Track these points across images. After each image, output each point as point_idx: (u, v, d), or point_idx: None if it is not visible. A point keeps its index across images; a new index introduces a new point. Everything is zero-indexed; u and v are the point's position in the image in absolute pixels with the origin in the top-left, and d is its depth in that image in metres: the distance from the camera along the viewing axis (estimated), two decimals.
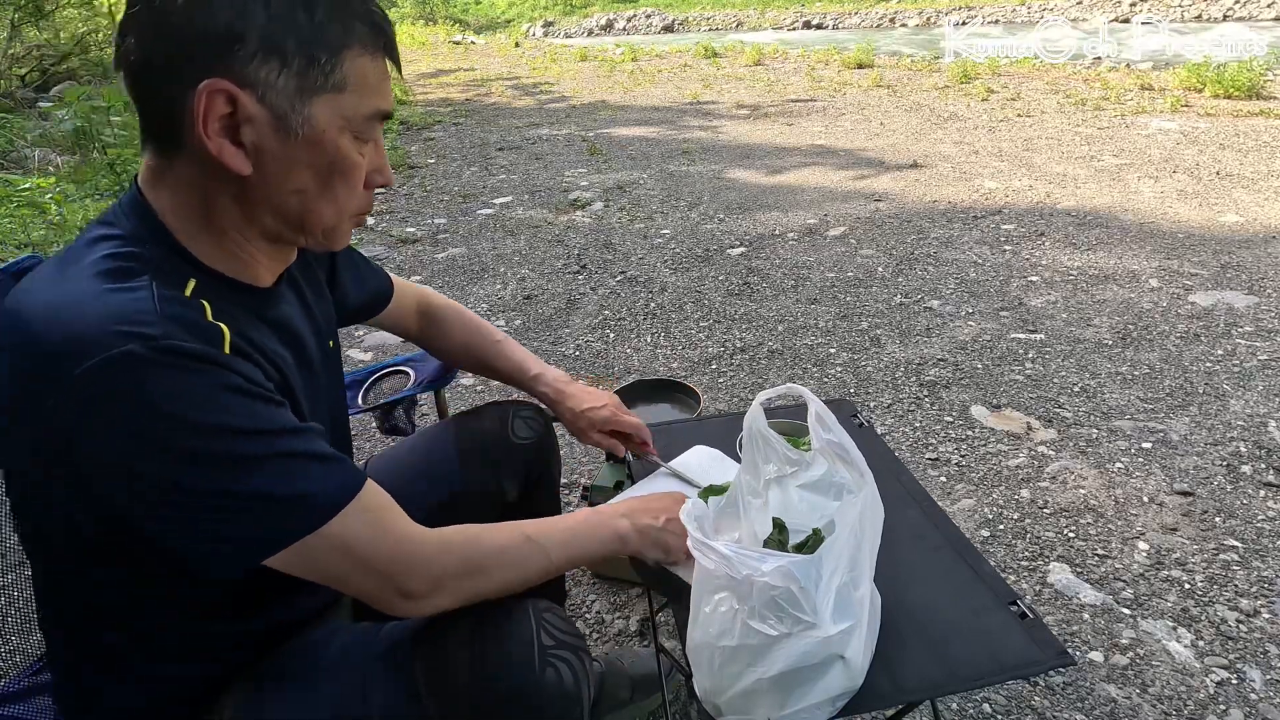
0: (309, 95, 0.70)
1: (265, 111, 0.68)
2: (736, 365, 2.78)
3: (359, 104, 0.73)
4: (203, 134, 0.67)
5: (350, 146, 0.74)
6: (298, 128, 0.70)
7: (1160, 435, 2.24)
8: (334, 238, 0.80)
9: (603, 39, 22.90)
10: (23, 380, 0.64)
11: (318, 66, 0.70)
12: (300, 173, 0.73)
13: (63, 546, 0.73)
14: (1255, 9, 18.54)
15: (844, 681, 0.83)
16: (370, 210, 0.84)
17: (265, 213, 0.74)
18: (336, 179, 0.75)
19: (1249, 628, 1.59)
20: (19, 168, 5.51)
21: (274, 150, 0.70)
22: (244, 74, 0.67)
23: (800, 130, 6.94)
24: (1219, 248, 3.63)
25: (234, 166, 0.69)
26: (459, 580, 0.79)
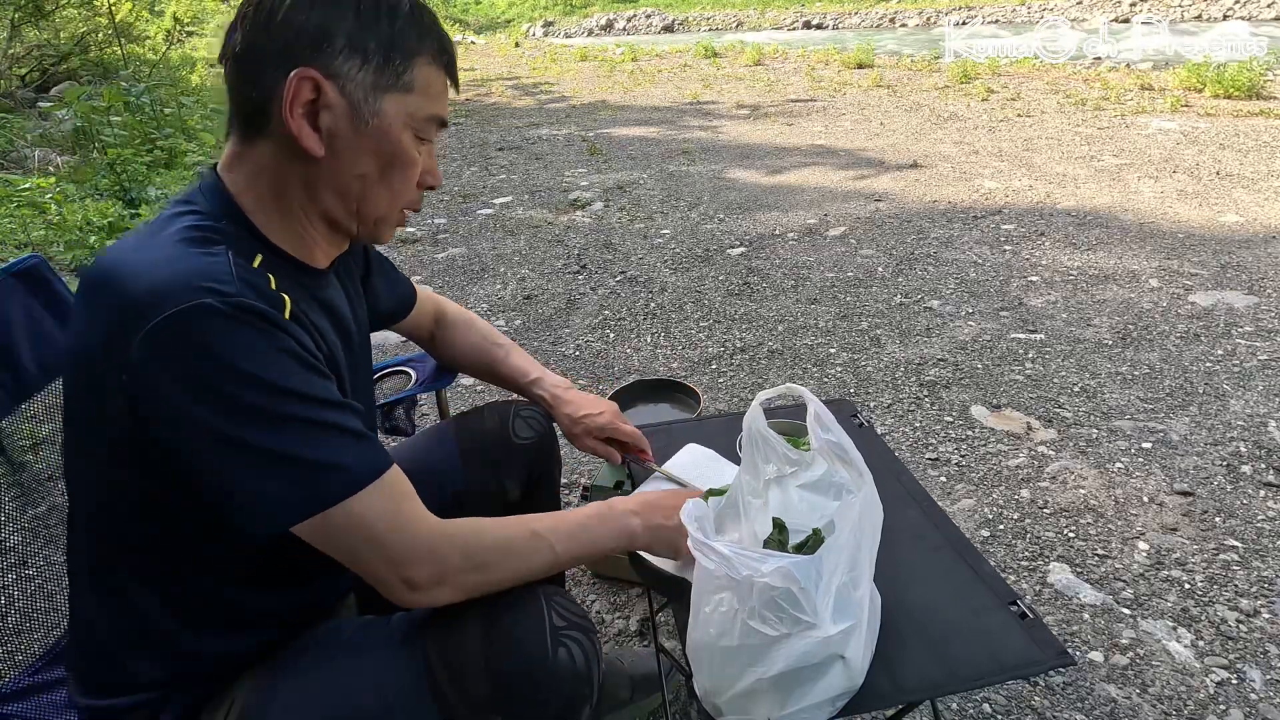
0: (382, 91, 0.79)
1: (343, 101, 0.77)
2: (736, 365, 2.78)
3: (422, 106, 0.82)
4: (287, 115, 0.76)
5: (411, 143, 0.83)
6: (369, 118, 0.79)
7: (1160, 435, 2.25)
8: (383, 228, 0.87)
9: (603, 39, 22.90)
10: (111, 329, 0.69)
11: (392, 67, 0.79)
12: (365, 159, 0.81)
13: (106, 504, 0.77)
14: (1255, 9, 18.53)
15: (844, 682, 0.83)
16: (418, 208, 0.90)
17: (329, 194, 0.82)
18: (395, 170, 0.83)
19: (1249, 628, 1.59)
20: (19, 168, 5.52)
21: (345, 136, 0.79)
22: (330, 66, 0.77)
23: (800, 130, 6.94)
24: (1219, 248, 3.63)
25: (309, 147, 0.77)
26: (462, 574, 0.80)
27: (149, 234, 0.76)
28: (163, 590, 0.80)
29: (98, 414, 0.73)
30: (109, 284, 0.71)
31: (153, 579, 0.80)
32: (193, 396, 0.68)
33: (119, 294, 0.69)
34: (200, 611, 0.82)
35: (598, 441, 1.26)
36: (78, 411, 0.77)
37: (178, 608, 0.81)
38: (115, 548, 0.79)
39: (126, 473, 0.74)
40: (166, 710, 0.82)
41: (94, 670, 0.83)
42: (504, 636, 0.79)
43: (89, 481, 0.79)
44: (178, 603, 0.81)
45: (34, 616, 1.06)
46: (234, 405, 0.68)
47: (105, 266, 0.73)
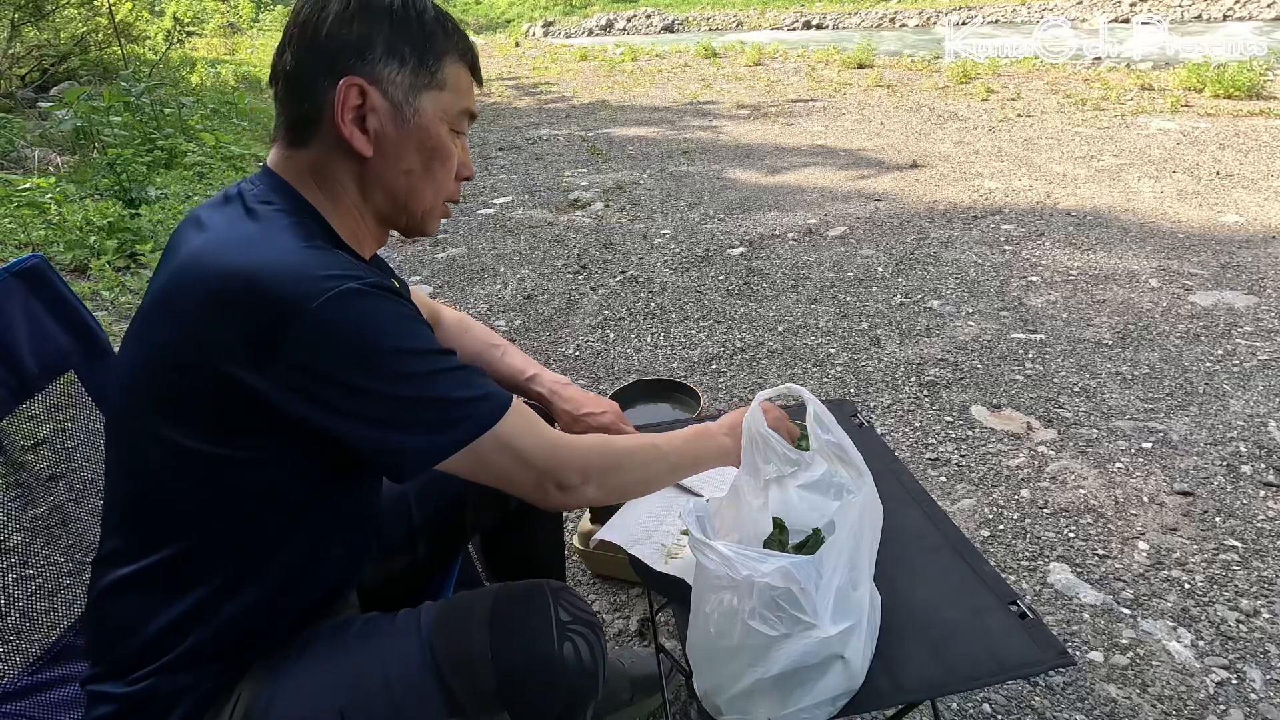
0: (419, 90, 0.86)
1: (387, 103, 0.84)
2: (736, 365, 2.78)
3: (455, 101, 0.89)
4: (339, 120, 0.82)
5: (448, 136, 0.90)
6: (410, 116, 0.85)
7: (1160, 435, 2.25)
8: (429, 220, 0.93)
9: (603, 39, 22.89)
10: (263, 324, 0.72)
11: (426, 67, 0.86)
12: (410, 155, 0.87)
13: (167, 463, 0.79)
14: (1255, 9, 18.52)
15: (844, 682, 0.84)
16: (457, 199, 0.97)
17: (378, 191, 0.88)
18: (436, 162, 0.89)
19: (1249, 628, 1.59)
20: (19, 168, 5.52)
21: (391, 135, 0.85)
22: (373, 73, 0.83)
23: (800, 130, 6.94)
24: (1219, 248, 3.63)
25: (359, 148, 0.84)
26: (603, 474, 0.89)
27: (244, 231, 0.80)
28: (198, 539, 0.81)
29: (209, 398, 0.76)
30: (228, 280, 0.74)
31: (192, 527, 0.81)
32: (358, 369, 0.73)
33: (268, 292, 0.72)
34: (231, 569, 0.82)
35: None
36: (171, 397, 0.78)
37: (206, 560, 0.81)
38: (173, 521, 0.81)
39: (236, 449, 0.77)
40: (174, 711, 0.81)
41: (111, 625, 0.83)
42: (511, 631, 0.80)
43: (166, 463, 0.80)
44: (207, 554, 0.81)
45: (34, 616, 1.05)
46: (394, 370, 0.75)
47: (214, 264, 0.76)
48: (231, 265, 0.74)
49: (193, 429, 0.77)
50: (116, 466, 0.85)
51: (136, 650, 0.81)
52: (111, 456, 0.86)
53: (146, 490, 0.82)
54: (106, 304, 3.32)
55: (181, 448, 0.77)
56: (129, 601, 0.82)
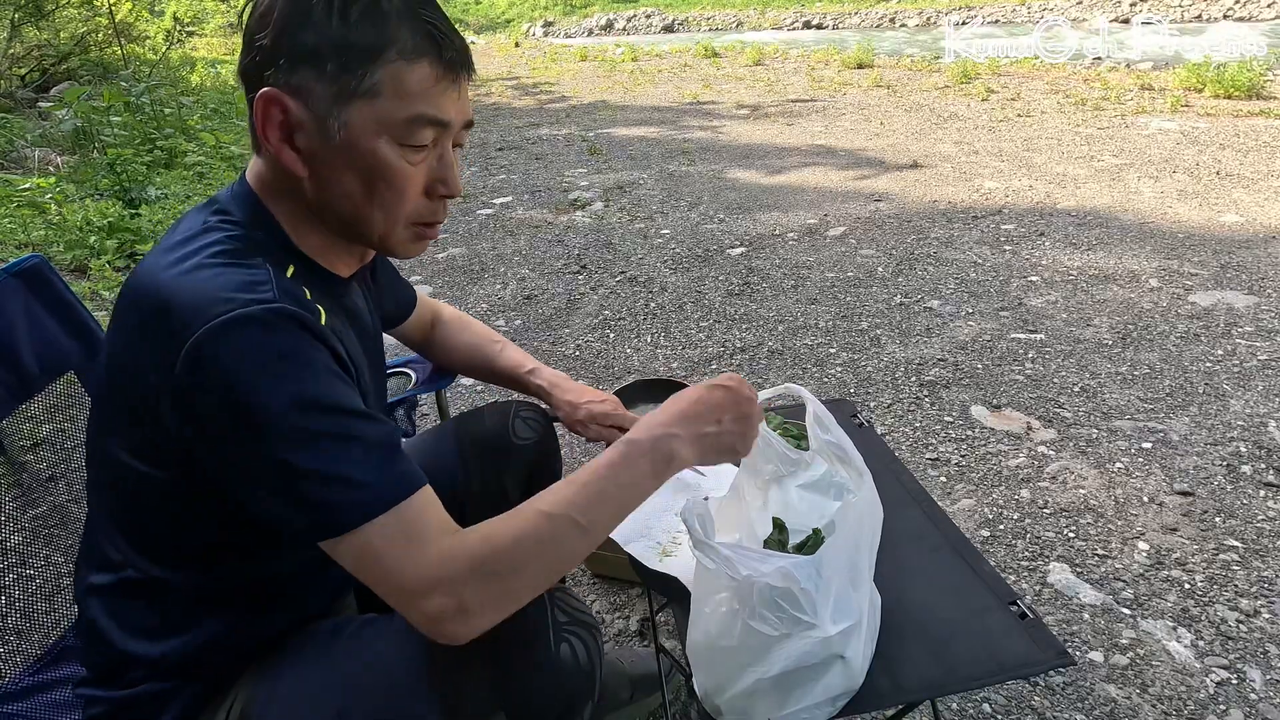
0: (344, 100, 0.74)
1: (310, 117, 0.74)
2: (736, 365, 2.78)
3: (396, 109, 0.75)
4: (263, 138, 0.75)
5: (392, 152, 0.77)
6: (336, 132, 0.75)
7: (1160, 435, 2.25)
8: (391, 244, 0.83)
9: (603, 39, 22.90)
10: (155, 339, 0.69)
11: (350, 71, 0.73)
12: (345, 176, 0.77)
13: (134, 482, 0.76)
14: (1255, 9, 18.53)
15: (844, 682, 0.84)
16: (439, 220, 0.84)
17: (327, 213, 0.80)
18: (379, 184, 0.78)
19: (1249, 628, 1.59)
20: (19, 168, 5.52)
21: (321, 154, 0.76)
22: (290, 82, 0.73)
23: (800, 130, 6.94)
24: (1219, 248, 3.63)
25: (291, 169, 0.76)
26: (480, 590, 0.71)
27: (184, 245, 0.75)
28: (184, 560, 0.80)
29: (139, 418, 0.73)
30: (151, 298, 0.71)
31: (173, 549, 0.80)
32: (231, 405, 0.66)
33: (165, 308, 0.69)
34: (225, 585, 0.82)
35: (601, 428, 1.24)
36: (115, 412, 0.77)
37: (197, 578, 0.81)
38: (137, 520, 0.79)
39: (165, 472, 0.74)
40: (166, 711, 0.81)
41: (107, 645, 0.83)
42: (507, 632, 0.79)
43: (119, 475, 0.78)
44: (197, 571, 0.81)
45: (34, 617, 1.06)
46: (266, 417, 0.66)
47: (147, 282, 0.73)
48: (148, 284, 0.72)
49: (132, 448, 0.75)
50: (90, 474, 0.84)
51: (119, 657, 0.81)
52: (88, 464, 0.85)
53: (112, 503, 0.81)
54: (106, 304, 3.32)
55: (130, 467, 0.76)
56: (108, 608, 0.82)
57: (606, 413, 1.24)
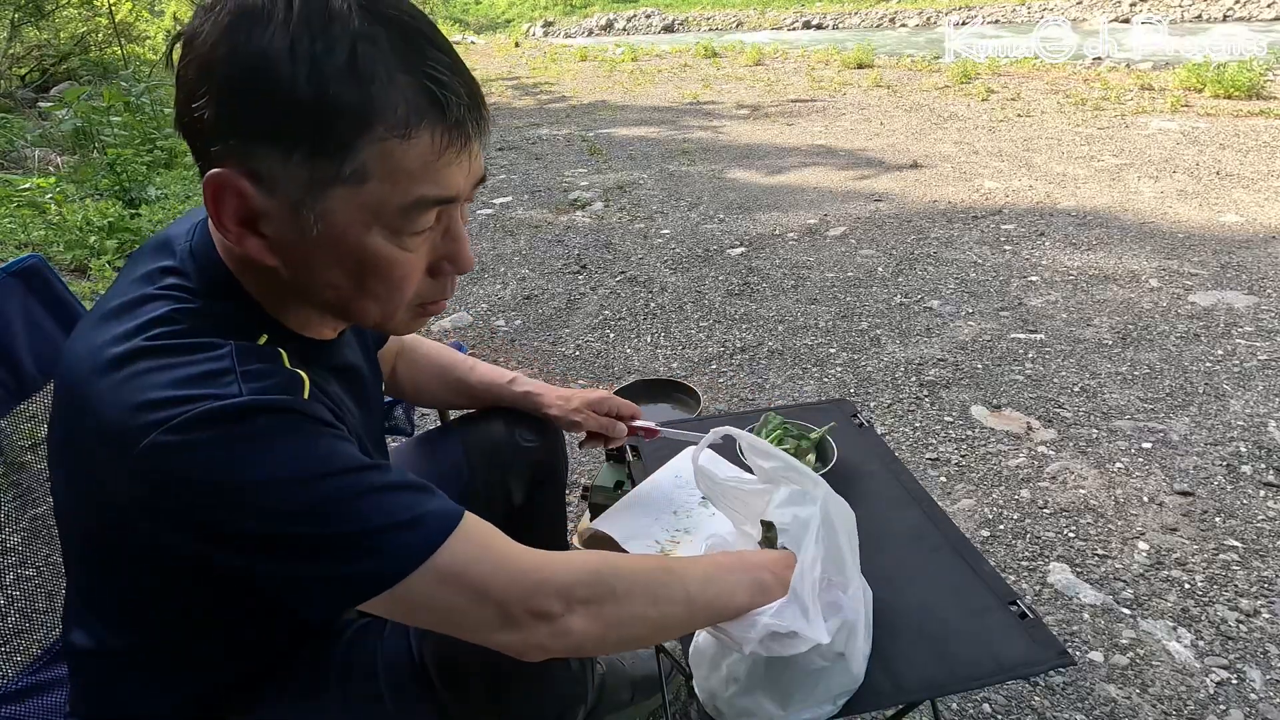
0: (321, 187, 0.60)
1: (277, 204, 0.60)
2: (736, 365, 2.78)
3: (389, 195, 0.61)
4: (219, 226, 0.62)
5: (385, 244, 0.63)
6: (314, 224, 0.61)
7: (1160, 435, 2.24)
8: (391, 328, 0.72)
9: (603, 39, 22.89)
10: (90, 446, 0.60)
11: (326, 154, 0.58)
12: (329, 270, 0.64)
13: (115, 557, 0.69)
14: (1255, 9, 18.52)
15: (844, 679, 0.83)
16: (445, 297, 0.72)
17: (307, 301, 0.69)
18: (370, 279, 0.65)
19: (1249, 628, 1.59)
20: (19, 168, 5.52)
21: (296, 245, 0.62)
22: (249, 162, 0.59)
23: (800, 130, 6.94)
24: (1219, 248, 3.63)
25: (259, 259, 0.63)
26: (597, 602, 0.67)
27: (119, 318, 0.62)
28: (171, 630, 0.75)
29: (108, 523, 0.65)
30: (84, 390, 0.60)
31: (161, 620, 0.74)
32: (218, 518, 0.58)
33: (98, 406, 0.58)
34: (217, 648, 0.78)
35: (599, 415, 1.21)
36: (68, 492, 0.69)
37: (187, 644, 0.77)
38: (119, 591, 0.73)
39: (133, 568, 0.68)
40: None
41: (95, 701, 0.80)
42: None
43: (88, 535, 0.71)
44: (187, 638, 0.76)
45: (34, 617, 1.05)
46: (271, 513, 0.58)
47: (75, 370, 0.62)
48: (77, 375, 0.61)
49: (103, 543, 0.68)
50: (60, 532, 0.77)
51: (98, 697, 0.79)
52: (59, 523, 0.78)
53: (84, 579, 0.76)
54: None
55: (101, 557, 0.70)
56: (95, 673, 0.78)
57: (602, 398, 1.21)
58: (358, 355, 0.87)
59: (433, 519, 0.63)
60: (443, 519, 0.63)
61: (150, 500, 0.58)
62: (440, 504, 0.65)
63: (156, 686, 0.78)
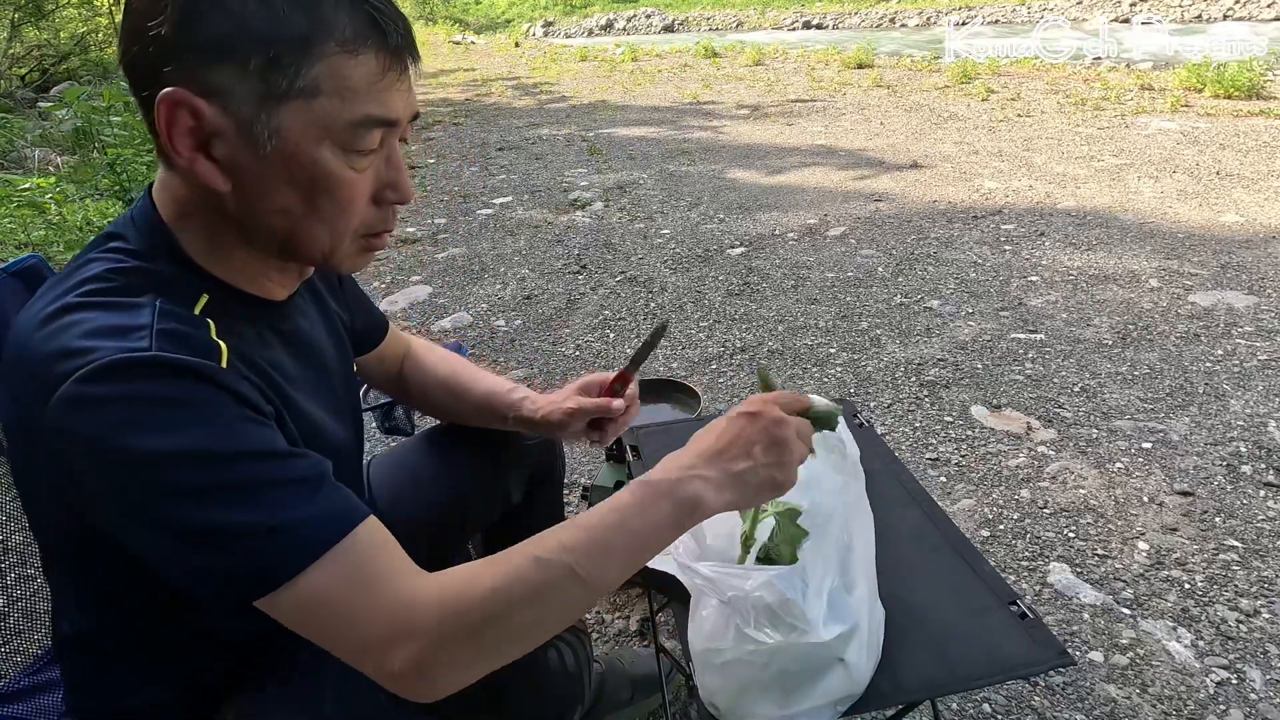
0: (275, 102, 0.62)
1: (231, 122, 0.62)
2: (736, 365, 2.78)
3: (339, 110, 0.64)
4: (170, 149, 0.63)
5: (335, 160, 0.66)
6: (266, 140, 0.63)
7: (1160, 435, 2.24)
8: (337, 260, 0.72)
9: (603, 39, 22.89)
10: (22, 396, 0.62)
11: (280, 69, 0.61)
12: (281, 190, 0.66)
13: (76, 549, 0.71)
14: (1255, 9, 18.53)
15: (845, 686, 0.83)
16: (389, 229, 0.74)
17: (255, 232, 0.69)
18: (322, 198, 0.67)
19: (1249, 628, 1.59)
20: (19, 168, 5.52)
21: (249, 165, 0.64)
22: (202, 81, 0.61)
23: (800, 130, 6.94)
24: (1219, 248, 3.63)
25: (211, 183, 0.64)
26: (452, 646, 0.62)
27: (62, 282, 0.65)
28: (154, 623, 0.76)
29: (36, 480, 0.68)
30: (19, 346, 0.62)
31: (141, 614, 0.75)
32: (109, 470, 0.58)
33: (29, 359, 0.60)
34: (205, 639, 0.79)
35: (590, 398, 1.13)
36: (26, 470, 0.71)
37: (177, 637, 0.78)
38: (94, 587, 0.74)
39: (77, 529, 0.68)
40: None
41: (88, 695, 0.81)
42: None
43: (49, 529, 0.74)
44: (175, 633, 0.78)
45: (34, 616, 1.06)
46: (149, 478, 0.58)
47: (19, 326, 0.64)
48: (16, 331, 0.64)
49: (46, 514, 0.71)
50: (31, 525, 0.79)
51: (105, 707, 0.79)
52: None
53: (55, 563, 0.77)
54: None
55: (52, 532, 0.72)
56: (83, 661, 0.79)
57: (591, 381, 1.14)
58: (315, 325, 0.85)
59: (318, 526, 0.61)
60: (328, 527, 0.61)
61: (65, 462, 0.59)
62: (331, 511, 0.62)
63: (140, 677, 0.78)
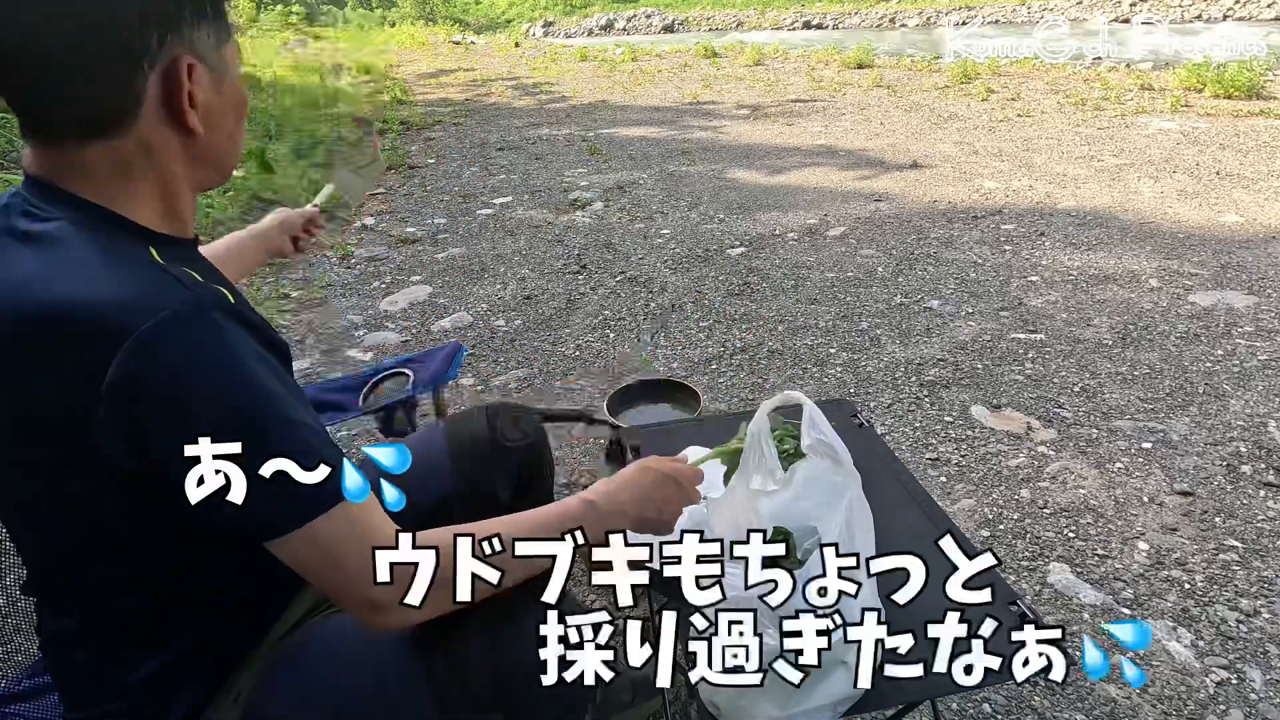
0: (223, 43, 0.77)
1: (206, 71, 0.75)
2: (736, 365, 2.78)
3: (233, 34, 0.79)
4: (182, 107, 0.72)
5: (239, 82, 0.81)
6: (221, 75, 0.77)
7: (1160, 435, 2.25)
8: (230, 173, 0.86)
9: (603, 39, 22.89)
10: (73, 353, 0.66)
11: (220, 12, 0.76)
12: (229, 117, 0.79)
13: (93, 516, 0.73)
14: (1255, 9, 18.54)
15: (847, 688, 0.83)
16: None
17: (206, 165, 0.80)
18: (243, 110, 0.82)
19: (1249, 628, 1.59)
20: (19, 167, 5.51)
21: (214, 104, 0.76)
22: (192, 41, 0.73)
23: (800, 130, 6.94)
24: (1219, 248, 3.63)
25: (194, 128, 0.74)
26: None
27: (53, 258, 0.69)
28: (160, 591, 0.78)
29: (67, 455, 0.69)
30: (54, 314, 0.67)
31: (149, 582, 0.77)
32: (177, 412, 0.66)
33: (81, 318, 0.66)
34: (201, 605, 0.80)
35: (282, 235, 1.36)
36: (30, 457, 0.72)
37: (175, 605, 0.79)
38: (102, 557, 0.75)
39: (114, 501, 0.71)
40: (172, 711, 0.81)
41: (81, 674, 0.81)
42: (507, 635, 0.79)
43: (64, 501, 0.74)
44: (175, 600, 0.79)
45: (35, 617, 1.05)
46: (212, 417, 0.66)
47: (35, 303, 0.68)
48: (30, 305, 0.67)
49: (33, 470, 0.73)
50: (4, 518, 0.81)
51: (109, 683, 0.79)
52: None
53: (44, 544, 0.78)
54: None
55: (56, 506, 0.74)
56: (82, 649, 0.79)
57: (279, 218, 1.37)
58: None
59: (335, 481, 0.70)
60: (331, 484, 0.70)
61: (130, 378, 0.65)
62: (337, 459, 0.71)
63: (140, 654, 0.78)
